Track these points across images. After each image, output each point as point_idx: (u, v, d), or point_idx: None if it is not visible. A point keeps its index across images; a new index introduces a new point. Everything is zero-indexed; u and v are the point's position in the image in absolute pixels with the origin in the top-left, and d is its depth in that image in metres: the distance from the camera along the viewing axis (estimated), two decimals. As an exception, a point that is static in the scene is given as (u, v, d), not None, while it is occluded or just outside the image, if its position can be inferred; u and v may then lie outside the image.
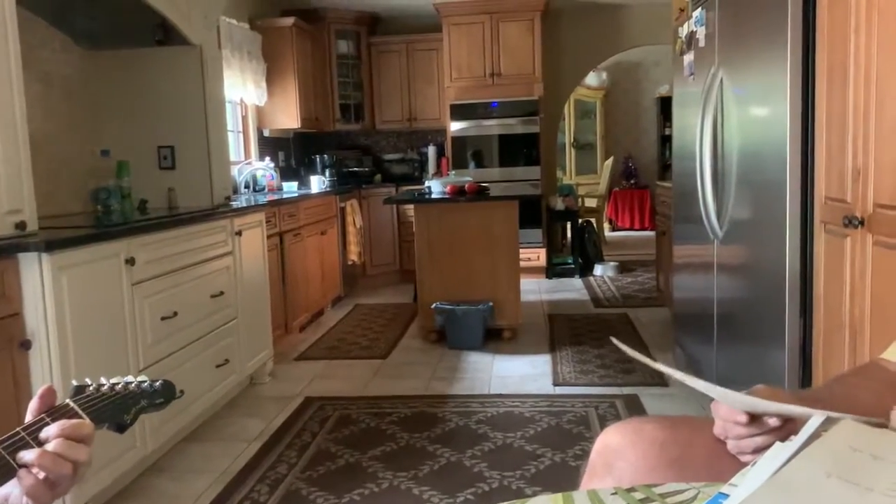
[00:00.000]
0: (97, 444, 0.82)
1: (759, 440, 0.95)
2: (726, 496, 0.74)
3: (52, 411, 0.82)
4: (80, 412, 0.83)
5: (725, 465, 0.96)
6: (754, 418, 0.94)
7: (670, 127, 4.02)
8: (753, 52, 2.62)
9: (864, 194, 1.96)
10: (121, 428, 0.88)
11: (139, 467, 2.75)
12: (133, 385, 0.91)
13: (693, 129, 3.15)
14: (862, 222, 1.96)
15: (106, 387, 0.89)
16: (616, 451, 1.04)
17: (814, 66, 2.26)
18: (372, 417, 3.30)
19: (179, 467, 2.86)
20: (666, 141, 9.34)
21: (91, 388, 0.88)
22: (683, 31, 3.45)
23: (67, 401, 0.84)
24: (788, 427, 0.94)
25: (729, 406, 0.96)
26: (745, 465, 0.90)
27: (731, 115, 2.86)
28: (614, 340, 1.10)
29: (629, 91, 10.55)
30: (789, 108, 2.32)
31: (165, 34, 3.57)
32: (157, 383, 0.93)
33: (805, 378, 2.39)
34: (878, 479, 0.72)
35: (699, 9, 3.18)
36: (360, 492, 2.56)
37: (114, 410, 0.87)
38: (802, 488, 0.73)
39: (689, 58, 3.37)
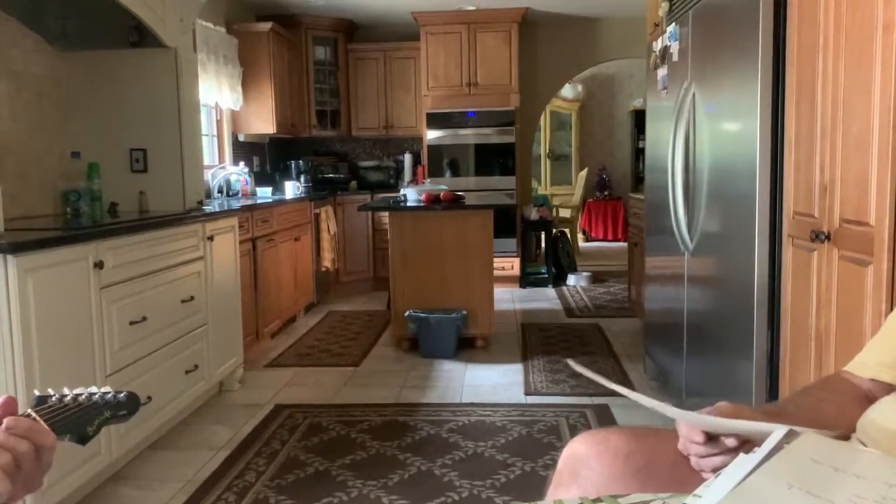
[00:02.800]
0: (62, 451, 0.80)
1: (716, 460, 0.96)
2: (690, 507, 0.75)
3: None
4: (42, 423, 0.81)
5: (690, 476, 0.97)
6: (713, 438, 0.96)
7: (644, 140, 4.07)
8: (725, 68, 2.66)
9: (830, 209, 1.99)
10: (83, 440, 0.86)
11: (103, 475, 2.70)
12: (97, 396, 0.89)
13: (666, 143, 3.19)
14: (828, 237, 1.99)
15: (69, 397, 0.87)
16: (582, 461, 1.05)
17: (784, 83, 2.30)
18: (342, 426, 3.28)
19: (144, 475, 2.81)
20: (639, 153, 9.43)
21: (54, 398, 0.86)
22: (657, 45, 3.50)
23: (29, 411, 0.82)
24: (746, 448, 0.95)
25: (688, 425, 0.97)
26: (707, 476, 0.91)
27: (703, 130, 2.90)
28: (571, 363, 1.11)
29: (604, 104, 10.66)
30: (759, 123, 2.36)
31: (140, 36, 3.54)
32: (122, 395, 0.91)
33: (772, 389, 2.42)
34: (837, 490, 0.73)
35: (673, 24, 3.23)
36: (328, 500, 2.54)
37: (76, 422, 0.85)
38: (764, 499, 0.74)
39: (662, 72, 3.42)
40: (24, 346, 2.20)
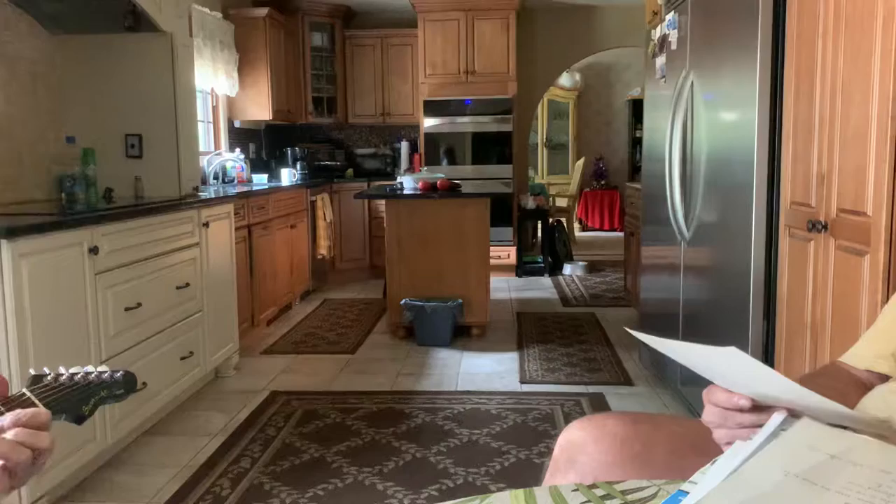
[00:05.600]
0: (57, 436, 0.80)
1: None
2: (686, 493, 0.75)
3: (7, 401, 0.79)
4: (37, 402, 0.81)
5: (686, 461, 0.97)
6: (760, 408, 0.84)
7: (641, 129, 4.06)
8: (724, 57, 2.65)
9: (828, 199, 1.99)
10: (79, 419, 0.85)
11: (98, 460, 2.70)
12: (93, 375, 0.89)
13: (663, 132, 3.19)
14: (825, 227, 1.99)
15: (65, 377, 0.87)
16: (578, 447, 1.05)
17: (782, 73, 2.30)
18: (338, 413, 3.28)
19: (140, 461, 2.81)
20: (637, 143, 9.42)
21: (49, 377, 0.86)
22: (656, 34, 3.48)
23: (24, 390, 0.82)
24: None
25: (728, 389, 0.86)
26: (704, 460, 0.91)
27: (701, 119, 2.89)
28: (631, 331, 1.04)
29: (601, 93, 10.63)
30: (758, 113, 2.35)
31: (135, 20, 3.51)
32: (118, 374, 0.90)
33: (767, 379, 2.42)
34: (834, 478, 0.74)
35: (672, 12, 3.21)
36: (324, 487, 2.54)
37: (72, 401, 0.85)
38: (760, 486, 0.74)
39: (660, 61, 3.40)
40: (19, 332, 2.19)
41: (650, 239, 3.78)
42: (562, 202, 8.92)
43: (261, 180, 5.64)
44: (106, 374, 0.89)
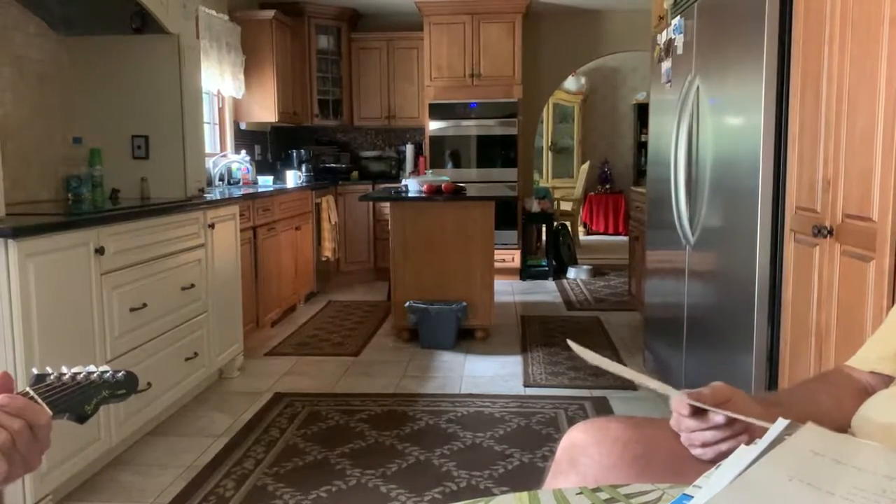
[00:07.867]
0: (62, 436, 0.80)
1: (707, 435, 0.97)
2: (690, 497, 0.75)
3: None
4: (40, 401, 0.81)
5: (687, 465, 0.97)
6: (701, 412, 0.98)
7: (646, 133, 4.06)
8: (730, 62, 2.65)
9: (833, 204, 1.99)
10: (81, 418, 0.86)
11: (103, 460, 2.71)
12: (95, 375, 0.89)
13: (669, 136, 3.19)
14: (831, 232, 1.99)
15: (67, 376, 0.87)
16: (580, 448, 1.05)
17: (788, 78, 2.29)
18: (341, 415, 3.29)
19: (144, 461, 2.82)
20: (642, 147, 9.42)
21: (52, 376, 0.86)
22: (662, 38, 3.48)
23: (27, 389, 0.82)
24: (736, 427, 0.96)
25: (678, 399, 1.00)
26: (705, 464, 0.91)
27: (707, 124, 2.89)
28: (571, 343, 1.12)
29: (607, 97, 10.63)
30: (763, 118, 2.35)
31: (143, 22, 3.53)
32: (120, 374, 0.91)
33: (772, 383, 2.42)
34: (838, 482, 0.74)
35: (678, 17, 3.21)
36: (327, 489, 2.55)
37: (74, 400, 0.85)
38: (765, 491, 0.74)
39: (666, 65, 3.40)
40: (25, 332, 2.20)
41: (655, 243, 3.78)
42: (566, 206, 8.91)
43: (266, 182, 5.66)
44: (108, 374, 0.90)
